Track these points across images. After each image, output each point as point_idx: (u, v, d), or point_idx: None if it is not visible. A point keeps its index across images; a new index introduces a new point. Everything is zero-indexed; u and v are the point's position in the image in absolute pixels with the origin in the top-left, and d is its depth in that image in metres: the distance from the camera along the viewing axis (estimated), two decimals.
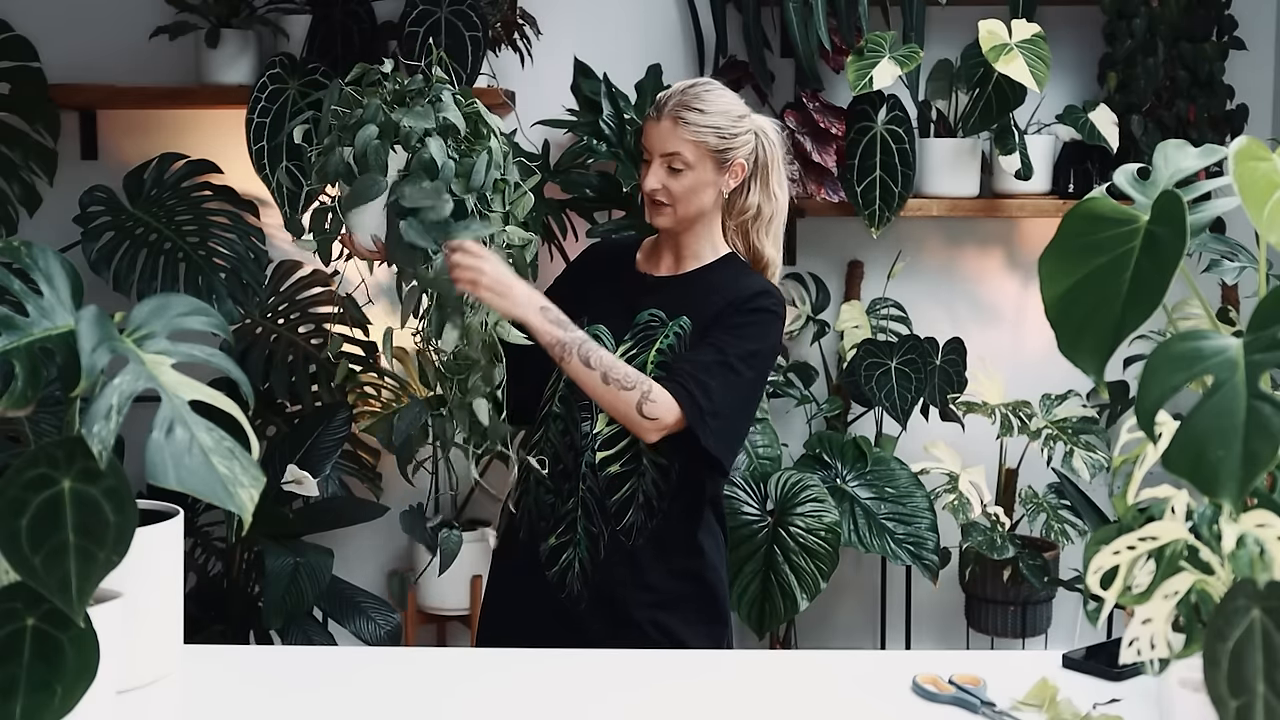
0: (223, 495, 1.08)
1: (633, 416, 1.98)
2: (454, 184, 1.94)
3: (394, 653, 1.97)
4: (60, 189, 3.22)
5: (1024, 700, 1.56)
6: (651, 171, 2.11)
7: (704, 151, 2.08)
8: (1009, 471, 3.28)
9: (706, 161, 2.09)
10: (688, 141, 2.08)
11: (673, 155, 2.09)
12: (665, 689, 1.66)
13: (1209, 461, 0.99)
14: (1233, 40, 3.24)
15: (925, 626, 3.46)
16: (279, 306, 3.25)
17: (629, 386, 1.97)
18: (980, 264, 3.46)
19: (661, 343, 2.08)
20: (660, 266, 2.19)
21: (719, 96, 2.11)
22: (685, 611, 2.11)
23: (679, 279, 2.16)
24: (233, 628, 3.02)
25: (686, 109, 2.08)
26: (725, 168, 2.10)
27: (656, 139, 2.11)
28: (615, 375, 1.97)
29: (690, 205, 2.11)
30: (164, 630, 1.61)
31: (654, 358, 2.07)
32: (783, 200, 2.19)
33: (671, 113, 2.09)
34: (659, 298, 2.13)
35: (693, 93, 2.11)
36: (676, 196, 2.10)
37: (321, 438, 3.07)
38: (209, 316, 1.25)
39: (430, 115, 1.94)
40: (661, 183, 2.10)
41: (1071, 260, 1.15)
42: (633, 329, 2.11)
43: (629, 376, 1.98)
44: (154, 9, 3.26)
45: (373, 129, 1.92)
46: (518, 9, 3.18)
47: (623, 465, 2.07)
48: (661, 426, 1.98)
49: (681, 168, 2.08)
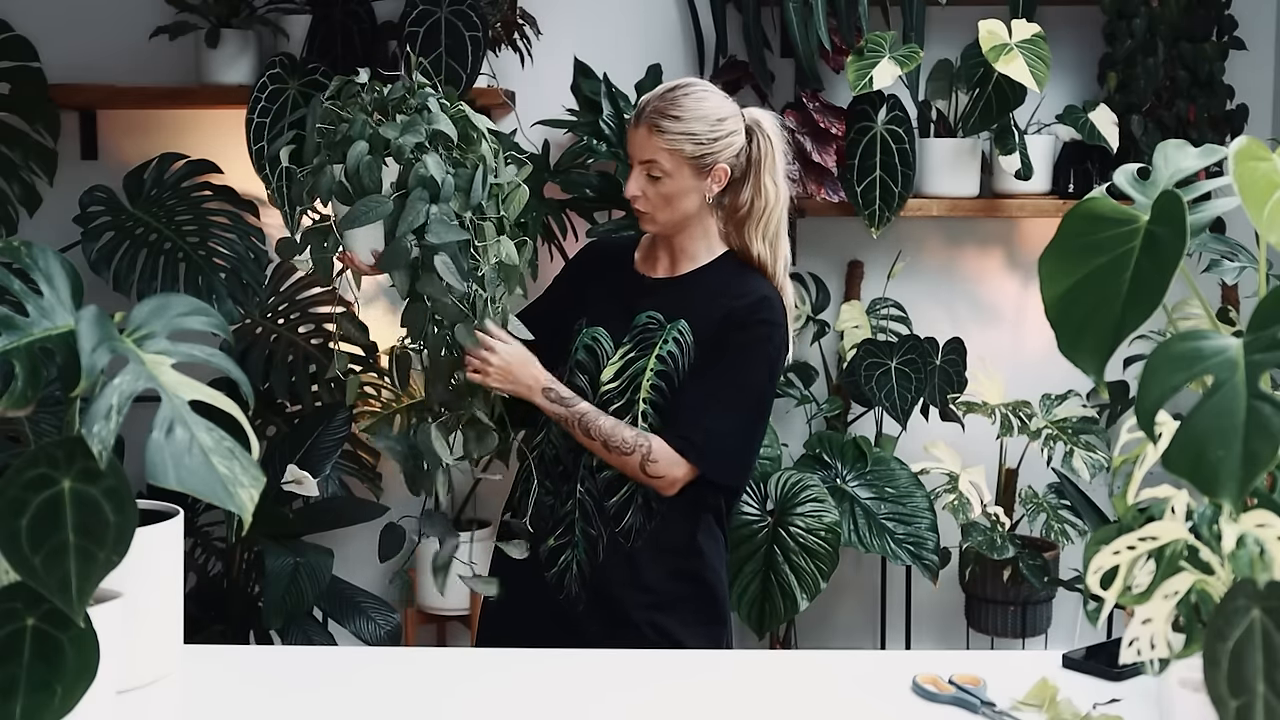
0: (223, 495, 1.08)
1: (639, 476, 2.05)
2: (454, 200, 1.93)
3: (394, 653, 1.97)
4: (60, 189, 3.22)
5: (1024, 700, 1.56)
6: (632, 178, 2.10)
7: (680, 159, 2.05)
8: (1009, 471, 3.28)
9: (684, 168, 2.06)
10: (662, 149, 2.05)
11: (650, 163, 2.06)
12: (665, 689, 1.66)
13: (1209, 461, 0.99)
14: (1233, 40, 3.24)
15: (925, 626, 3.46)
16: (279, 306, 3.26)
17: (628, 452, 2.03)
18: (980, 264, 3.46)
19: (661, 348, 2.07)
20: (657, 268, 2.18)
21: (698, 101, 2.07)
22: (683, 613, 2.11)
23: (676, 281, 2.15)
24: (233, 628, 3.02)
25: (662, 116, 2.05)
26: (706, 173, 2.07)
27: (634, 146, 2.09)
28: (614, 443, 2.03)
29: (672, 211, 2.09)
30: (164, 630, 1.61)
31: (654, 364, 2.07)
32: (777, 195, 2.12)
33: (647, 120, 2.06)
34: (656, 299, 2.13)
35: (670, 98, 2.07)
36: (656, 203, 2.08)
37: (321, 438, 3.07)
38: (209, 316, 1.25)
39: (419, 127, 1.93)
40: (641, 189, 2.08)
41: (1071, 260, 1.15)
42: (631, 331, 2.11)
43: (626, 442, 2.03)
44: (154, 9, 3.26)
45: (363, 145, 1.89)
46: (518, 9, 3.18)
47: None
48: (672, 481, 2.04)
49: (660, 175, 2.06)
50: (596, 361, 2.11)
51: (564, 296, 2.25)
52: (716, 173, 2.07)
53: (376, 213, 1.90)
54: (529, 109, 3.25)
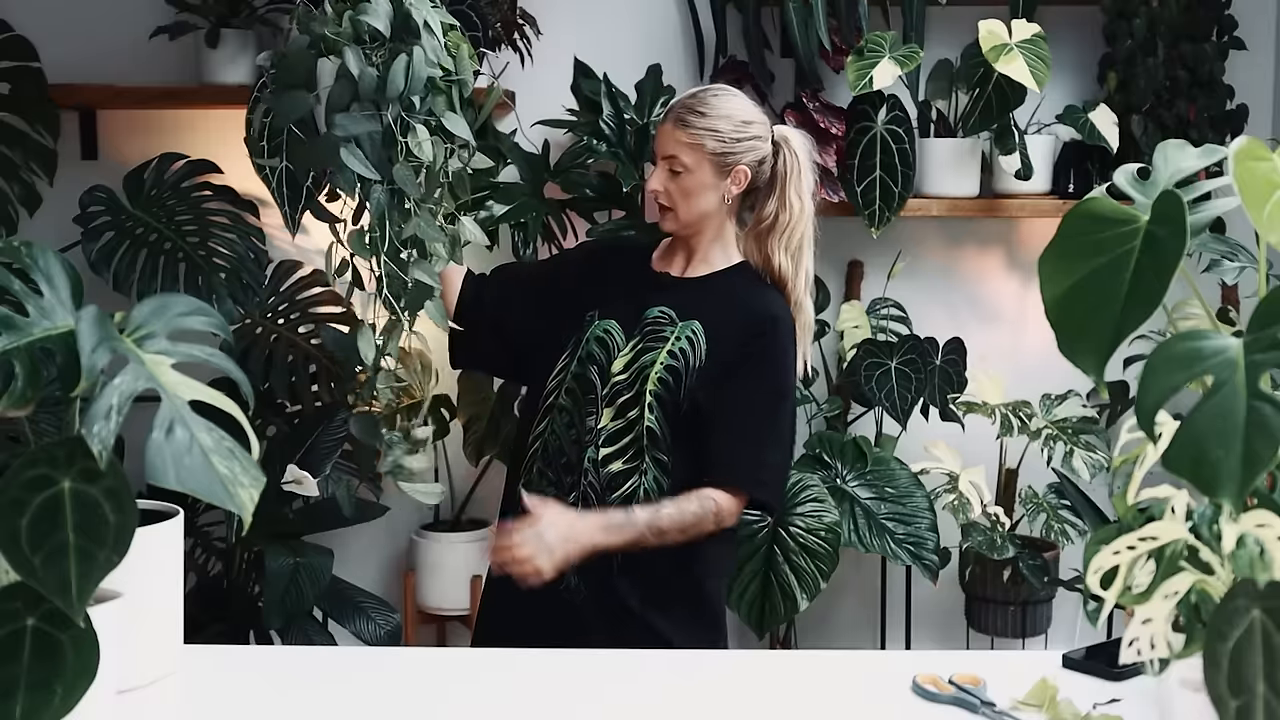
0: (223, 495, 1.08)
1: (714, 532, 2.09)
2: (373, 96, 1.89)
3: (394, 653, 1.97)
4: (60, 189, 3.21)
5: (1024, 700, 1.56)
6: (655, 173, 2.14)
7: (702, 155, 2.09)
8: (1009, 471, 3.28)
9: (705, 165, 2.09)
10: (684, 144, 2.09)
11: (672, 158, 2.11)
12: (666, 689, 1.66)
13: (1209, 461, 0.99)
14: (1233, 40, 3.23)
15: (925, 626, 3.46)
16: (279, 306, 3.25)
17: (706, 526, 2.06)
18: (980, 264, 3.46)
19: (674, 344, 2.09)
20: (674, 267, 2.21)
21: (725, 102, 2.12)
22: (680, 613, 2.11)
23: (691, 281, 2.17)
24: (233, 628, 3.01)
25: (689, 112, 2.10)
26: (727, 172, 2.10)
27: (660, 141, 2.14)
28: (688, 526, 2.05)
29: (691, 209, 2.11)
30: (164, 630, 1.62)
31: (664, 359, 2.08)
32: (802, 210, 2.17)
33: (674, 116, 2.12)
34: (668, 296, 2.15)
35: (700, 97, 2.13)
36: (676, 199, 2.12)
37: (321, 438, 3.07)
38: (209, 316, 1.25)
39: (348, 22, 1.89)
40: (663, 185, 2.12)
41: (1071, 260, 1.15)
42: (640, 324, 2.12)
43: (696, 514, 2.06)
44: (154, 9, 3.26)
45: (303, 39, 1.89)
46: (518, 9, 3.18)
47: (625, 462, 2.08)
48: (736, 514, 2.10)
49: (680, 170, 2.10)
50: (607, 353, 2.13)
51: (570, 275, 2.27)
52: (737, 174, 2.11)
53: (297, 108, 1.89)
54: (529, 109, 3.25)
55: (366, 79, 1.86)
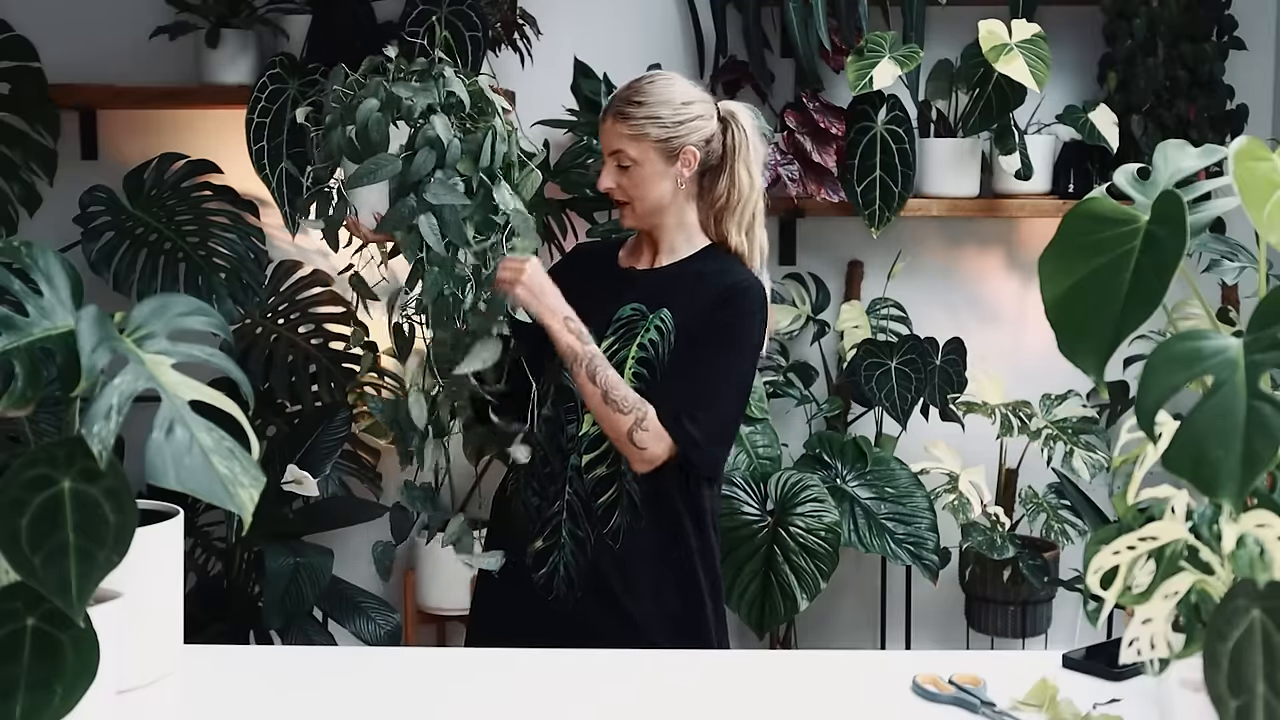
0: (223, 495, 1.08)
1: (624, 441, 2.02)
2: (460, 163, 1.92)
3: (394, 653, 1.97)
4: (60, 189, 3.22)
5: (1024, 700, 1.56)
6: (605, 171, 2.11)
7: (647, 144, 2.07)
8: (1009, 471, 3.28)
9: (651, 154, 2.07)
10: (627, 137, 2.07)
11: (618, 153, 2.08)
12: (665, 689, 1.66)
13: (1209, 461, 0.99)
14: (1233, 40, 3.24)
15: (925, 626, 3.46)
16: (279, 306, 3.25)
17: (625, 411, 2.00)
18: (980, 264, 3.46)
19: (643, 336, 2.08)
20: (641, 261, 2.19)
21: (662, 87, 2.09)
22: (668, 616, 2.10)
23: (658, 271, 2.15)
24: (233, 628, 3.02)
25: (627, 104, 2.07)
26: (675, 156, 2.08)
27: (604, 138, 2.11)
28: (614, 396, 2.01)
29: (646, 200, 2.10)
30: (164, 630, 1.61)
31: (635, 353, 2.07)
32: (752, 185, 2.13)
33: (613, 110, 2.09)
34: (638, 290, 2.13)
35: (635, 87, 2.09)
36: (630, 193, 2.09)
37: (321, 438, 3.07)
38: (209, 316, 1.25)
39: (433, 90, 1.92)
40: (614, 181, 2.10)
41: (1071, 260, 1.15)
42: (614, 323, 2.11)
43: (627, 400, 2.01)
44: (154, 9, 3.26)
45: (373, 102, 1.90)
46: (518, 9, 3.18)
47: (608, 467, 2.07)
48: (650, 458, 2.02)
49: (629, 164, 2.08)
50: None
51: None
52: (685, 156, 2.08)
53: (383, 171, 1.89)
54: (529, 109, 3.25)
55: (454, 148, 1.88)
